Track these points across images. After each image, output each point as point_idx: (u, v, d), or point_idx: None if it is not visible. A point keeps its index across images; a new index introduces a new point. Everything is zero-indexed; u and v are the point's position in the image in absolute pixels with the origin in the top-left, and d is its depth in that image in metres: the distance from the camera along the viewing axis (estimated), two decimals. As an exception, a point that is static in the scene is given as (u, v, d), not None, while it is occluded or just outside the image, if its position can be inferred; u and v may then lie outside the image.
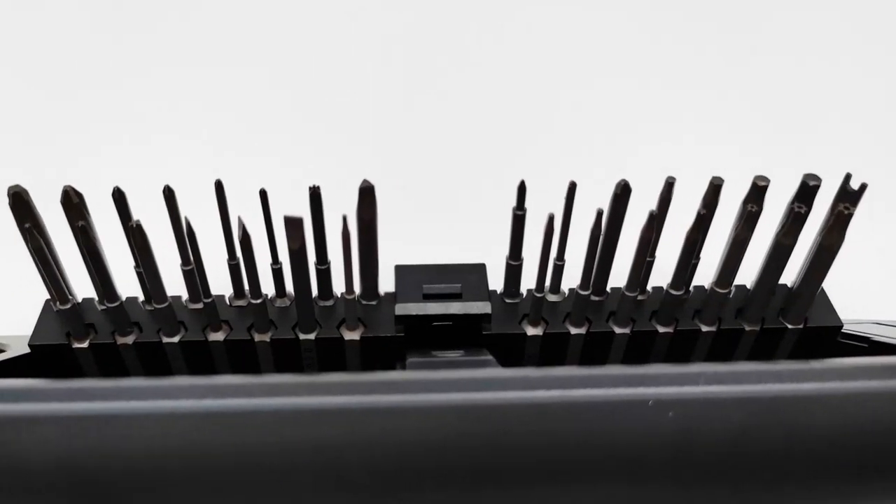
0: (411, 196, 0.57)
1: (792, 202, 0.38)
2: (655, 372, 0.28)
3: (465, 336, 0.41)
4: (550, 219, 0.38)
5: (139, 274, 0.40)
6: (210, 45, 0.62)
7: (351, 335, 0.41)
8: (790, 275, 0.41)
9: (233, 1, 0.63)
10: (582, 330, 0.41)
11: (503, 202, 0.42)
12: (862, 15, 0.64)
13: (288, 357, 0.42)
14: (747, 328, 0.42)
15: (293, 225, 0.35)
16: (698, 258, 0.41)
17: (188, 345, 0.41)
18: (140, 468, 0.26)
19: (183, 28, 0.63)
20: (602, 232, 0.38)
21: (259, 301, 0.40)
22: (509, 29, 0.64)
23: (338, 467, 0.26)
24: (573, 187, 0.38)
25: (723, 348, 0.42)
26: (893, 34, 0.64)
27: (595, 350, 0.42)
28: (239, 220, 0.37)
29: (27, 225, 0.37)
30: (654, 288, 0.42)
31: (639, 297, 0.42)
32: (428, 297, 0.41)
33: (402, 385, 0.28)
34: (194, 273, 0.39)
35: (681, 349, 0.42)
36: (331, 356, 0.42)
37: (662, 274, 0.41)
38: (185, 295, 0.41)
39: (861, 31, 0.64)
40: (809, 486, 0.28)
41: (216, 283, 0.41)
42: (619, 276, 0.41)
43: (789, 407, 0.28)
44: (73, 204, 0.37)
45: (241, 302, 0.42)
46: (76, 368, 0.41)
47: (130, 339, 0.41)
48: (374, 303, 0.42)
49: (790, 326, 0.42)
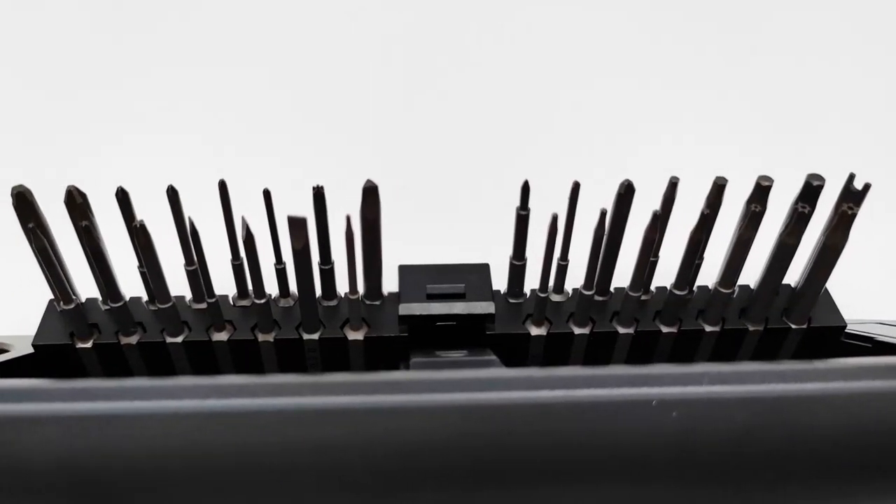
0: (411, 196, 0.57)
1: (795, 202, 0.38)
2: (659, 372, 0.28)
3: (469, 336, 0.41)
4: (554, 219, 0.38)
5: (143, 274, 0.40)
6: (210, 45, 0.62)
7: (354, 335, 0.41)
8: (794, 275, 0.41)
9: (233, 1, 0.63)
10: (585, 330, 0.41)
11: (503, 202, 0.42)
12: (862, 15, 0.64)
13: (291, 357, 0.42)
14: (751, 328, 0.41)
15: (297, 225, 0.35)
16: (702, 258, 0.41)
17: (192, 345, 0.41)
18: (144, 468, 0.26)
19: (183, 28, 0.63)
20: (605, 232, 0.38)
21: (263, 301, 0.40)
22: (509, 29, 0.64)
23: (341, 467, 0.26)
24: (577, 187, 0.38)
25: (726, 348, 0.42)
26: (893, 34, 0.64)
27: (599, 350, 0.42)
28: (243, 220, 0.37)
29: (31, 225, 0.37)
30: (658, 288, 0.42)
31: (642, 298, 0.42)
32: (431, 297, 0.41)
33: (406, 385, 0.28)
34: (198, 273, 0.39)
35: (684, 349, 0.42)
36: (334, 356, 0.42)
37: (666, 274, 0.41)
38: (189, 295, 0.41)
39: (861, 31, 0.64)
40: (813, 486, 0.28)
41: (220, 283, 0.41)
42: (623, 277, 0.41)
43: (793, 407, 0.28)
44: (77, 204, 0.37)
45: (245, 302, 0.42)
46: (80, 368, 0.41)
47: (134, 339, 0.41)
48: (378, 303, 0.42)
49: (794, 326, 0.41)
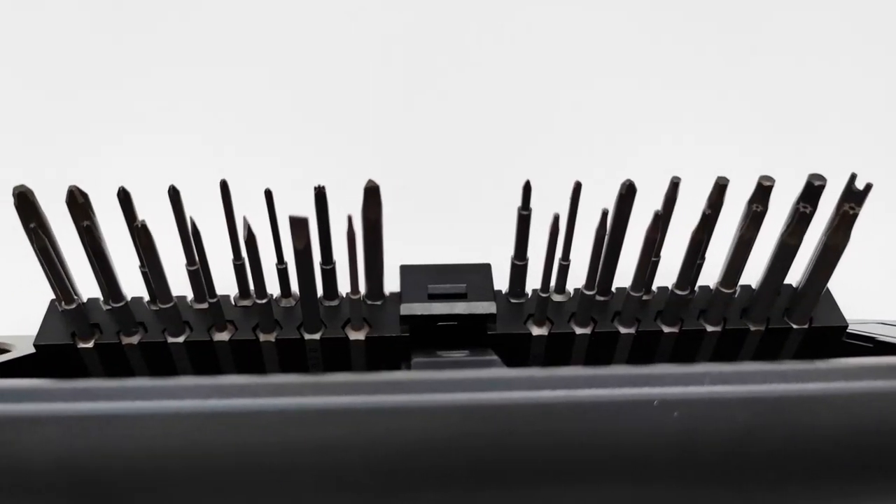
0: (411, 196, 0.57)
1: (797, 202, 0.38)
2: (660, 372, 0.28)
3: (471, 336, 0.41)
4: (556, 219, 0.38)
5: (144, 274, 0.40)
6: (210, 45, 0.62)
7: (356, 335, 0.41)
8: (795, 275, 0.41)
9: (233, 1, 0.63)
10: (587, 330, 0.41)
11: (503, 202, 0.42)
12: (862, 15, 0.64)
13: (293, 357, 0.42)
14: (752, 328, 0.41)
15: (298, 225, 0.35)
16: (703, 258, 0.41)
17: (193, 345, 0.41)
18: (146, 468, 0.26)
19: (183, 28, 0.63)
20: (607, 232, 0.38)
21: (264, 301, 0.40)
22: (509, 29, 0.64)
23: (343, 467, 0.26)
24: (578, 187, 0.38)
25: (728, 348, 0.42)
26: (893, 34, 0.64)
27: (600, 350, 0.42)
28: (244, 220, 0.37)
29: (32, 225, 0.37)
30: (660, 288, 0.42)
31: (644, 297, 0.42)
32: (433, 297, 0.41)
33: (408, 385, 0.28)
34: (199, 273, 0.39)
35: (686, 349, 0.42)
36: (336, 356, 0.42)
37: (667, 274, 0.41)
38: (191, 295, 0.41)
39: (861, 31, 0.64)
40: (814, 486, 0.28)
41: (221, 283, 0.41)
42: (624, 277, 0.41)
43: (794, 407, 0.28)
44: (79, 204, 0.37)
45: (247, 302, 0.42)
46: (81, 368, 0.41)
47: (135, 339, 0.41)
48: (380, 303, 0.42)
49: (795, 326, 0.41)
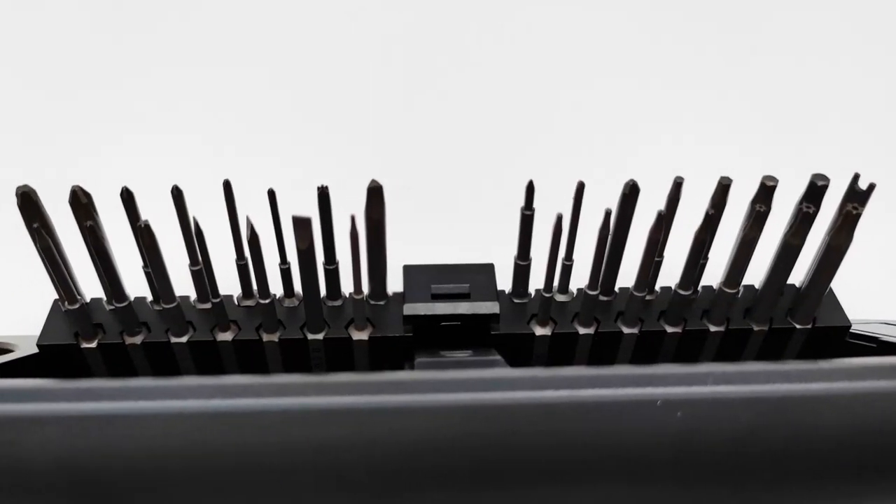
0: (411, 196, 0.57)
1: (800, 202, 0.38)
2: (664, 372, 0.28)
3: (474, 336, 0.41)
4: (559, 219, 0.38)
5: (147, 274, 0.40)
6: (210, 45, 0.62)
7: (359, 335, 0.41)
8: (798, 275, 0.41)
9: (233, 1, 0.63)
10: (590, 330, 0.41)
11: (503, 202, 0.42)
12: (862, 15, 0.64)
13: (296, 357, 0.42)
14: (756, 328, 0.41)
15: (301, 225, 0.35)
16: (706, 258, 0.41)
17: (196, 345, 0.41)
18: (150, 468, 0.26)
19: (183, 28, 0.63)
20: (610, 232, 0.38)
21: (267, 301, 0.40)
22: (509, 29, 0.64)
23: (345, 467, 0.26)
24: (581, 187, 0.38)
25: (731, 348, 0.42)
26: (893, 34, 0.64)
27: (603, 350, 0.42)
28: (247, 220, 0.37)
29: (35, 225, 0.37)
30: (663, 288, 0.42)
31: (647, 297, 0.42)
32: (436, 297, 0.41)
33: (411, 385, 0.28)
34: (202, 273, 0.39)
35: (689, 349, 0.42)
36: (339, 356, 0.42)
37: (670, 274, 0.41)
38: (194, 295, 0.41)
39: (861, 31, 0.64)
40: (818, 486, 0.28)
41: (224, 283, 0.41)
42: (628, 277, 0.41)
43: (798, 407, 0.28)
44: (82, 204, 0.37)
45: (250, 302, 0.42)
46: (84, 368, 0.41)
47: (139, 339, 0.41)
48: (383, 303, 0.42)
49: (798, 326, 0.41)
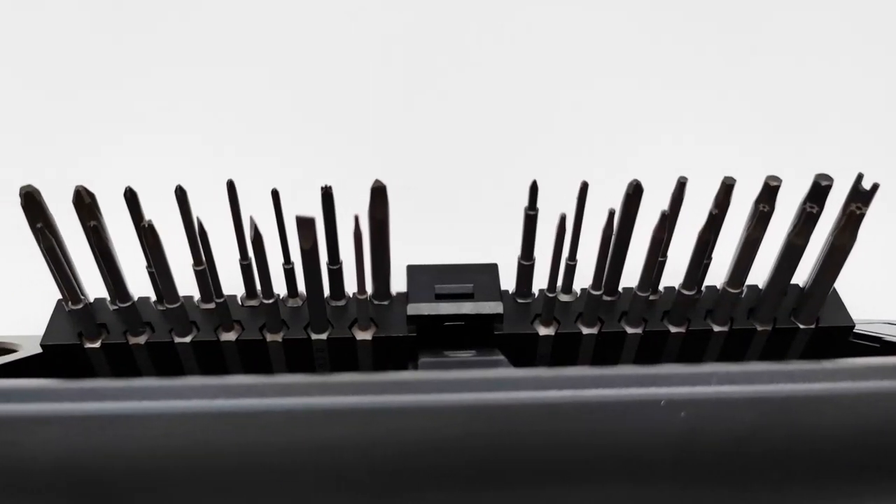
0: (411, 196, 0.57)
1: (804, 202, 0.38)
2: (667, 372, 0.28)
3: (477, 336, 0.41)
4: (562, 219, 0.38)
5: (151, 274, 0.40)
6: (210, 45, 0.62)
7: (363, 335, 0.41)
8: (802, 275, 0.41)
9: (233, 1, 0.63)
10: (594, 330, 0.41)
11: (503, 202, 0.42)
12: (862, 15, 0.64)
13: (300, 357, 0.42)
14: (759, 328, 0.41)
15: (305, 225, 0.35)
16: (710, 258, 0.41)
17: (200, 345, 0.41)
18: (153, 468, 0.26)
19: (183, 28, 0.63)
20: (614, 232, 0.38)
21: (271, 301, 0.40)
22: (509, 29, 0.64)
23: (349, 467, 0.26)
24: (585, 187, 0.38)
25: (735, 348, 0.42)
26: (893, 34, 0.64)
27: (607, 350, 0.42)
28: (251, 221, 0.37)
29: (39, 225, 0.37)
30: (666, 288, 0.42)
31: (651, 298, 0.42)
32: (440, 297, 0.41)
33: (414, 385, 0.28)
34: (206, 273, 0.39)
35: (693, 349, 0.42)
36: (343, 356, 0.42)
37: (674, 274, 0.41)
38: (197, 295, 0.41)
39: (861, 31, 0.64)
40: (821, 486, 0.28)
41: (228, 284, 0.41)
42: (631, 277, 0.41)
43: (801, 407, 0.28)
44: (85, 204, 0.37)
45: (253, 302, 0.42)
46: (88, 368, 0.41)
47: (142, 339, 0.41)
48: (386, 303, 0.42)
49: (802, 326, 0.41)
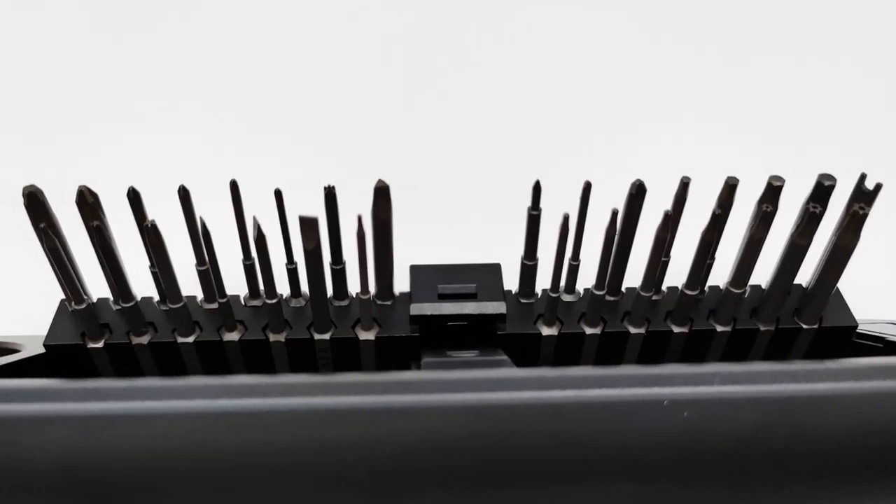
0: (412, 196, 0.57)
1: (807, 202, 0.38)
2: (670, 372, 0.28)
3: (480, 336, 0.41)
4: (566, 219, 0.38)
5: (154, 274, 0.40)
6: (210, 45, 0.62)
7: (366, 335, 0.41)
8: (805, 275, 0.41)
9: (233, 1, 0.63)
10: (597, 330, 0.41)
11: (503, 202, 0.42)
12: (862, 15, 0.64)
13: (303, 357, 0.42)
14: (762, 328, 0.41)
15: (308, 225, 0.35)
16: (713, 258, 0.41)
17: (203, 345, 0.41)
18: (158, 468, 0.26)
19: (183, 28, 0.63)
20: (617, 232, 0.38)
21: (274, 301, 0.40)
22: (509, 29, 0.64)
23: (352, 468, 0.26)
24: (588, 187, 0.38)
25: (738, 348, 0.42)
26: (893, 34, 0.64)
27: (610, 350, 0.42)
28: (254, 220, 0.37)
29: (42, 225, 0.37)
30: (669, 288, 0.42)
31: (654, 297, 0.42)
32: (443, 297, 0.41)
33: (417, 385, 0.28)
34: (209, 273, 0.39)
35: (696, 349, 0.42)
36: (346, 356, 0.42)
37: (677, 274, 0.41)
38: (200, 295, 0.41)
39: (861, 31, 0.64)
40: (824, 486, 0.28)
41: (231, 283, 0.41)
42: (634, 276, 0.41)
43: (804, 407, 0.28)
44: (88, 204, 0.37)
45: (256, 302, 0.42)
46: (91, 368, 0.41)
47: (145, 339, 0.41)
48: (389, 303, 0.42)
49: (805, 326, 0.41)
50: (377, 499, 0.27)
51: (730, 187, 0.38)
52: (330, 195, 0.38)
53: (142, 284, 0.41)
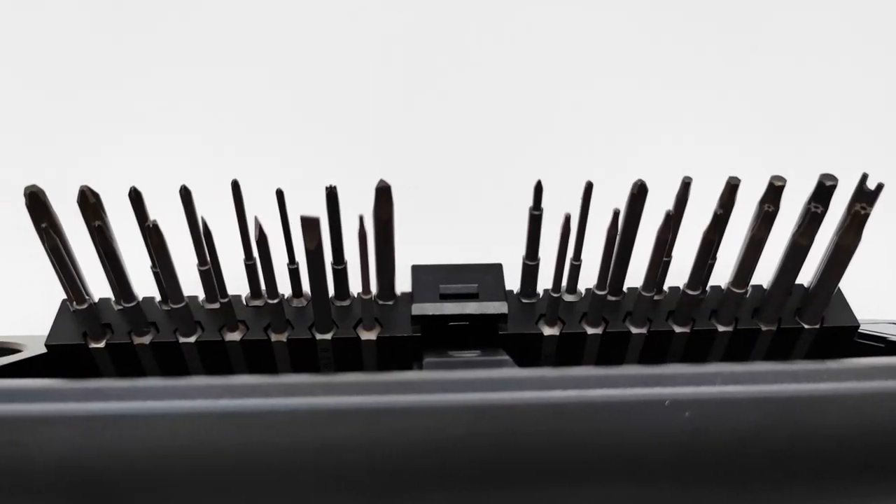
0: (413, 196, 0.57)
1: (808, 202, 0.38)
2: (672, 372, 0.28)
3: (482, 336, 0.41)
4: (567, 219, 0.38)
5: (156, 274, 0.40)
6: (210, 45, 0.62)
7: (367, 335, 0.41)
8: (807, 275, 0.41)
9: (233, 1, 0.63)
10: (598, 330, 0.41)
11: (503, 202, 0.42)
12: (862, 15, 0.64)
13: (304, 357, 0.42)
14: (764, 328, 0.41)
15: (310, 225, 0.35)
16: (715, 258, 0.41)
17: (205, 345, 0.41)
18: (159, 468, 0.26)
19: (183, 28, 0.63)
20: (618, 232, 0.38)
21: (276, 301, 0.40)
22: (509, 29, 0.64)
23: (354, 468, 0.26)
24: (590, 187, 0.38)
25: (739, 348, 0.42)
26: (893, 34, 0.64)
27: (611, 350, 0.42)
28: (256, 220, 0.37)
29: (44, 225, 0.37)
30: (671, 288, 0.42)
31: (655, 297, 0.42)
32: (444, 297, 0.41)
33: (419, 385, 0.28)
34: (211, 273, 0.39)
35: (697, 349, 0.42)
36: (347, 356, 0.42)
37: (679, 274, 0.41)
38: (202, 295, 0.41)
39: (861, 31, 0.64)
40: (825, 486, 0.28)
41: (232, 283, 0.41)
42: (636, 277, 0.41)
43: (805, 407, 0.28)
44: (90, 204, 0.37)
45: (258, 302, 0.42)
46: (93, 368, 0.41)
47: (147, 339, 0.41)
48: (391, 303, 0.42)
49: (807, 326, 0.41)
50: (379, 499, 0.27)
51: (731, 187, 0.38)
52: (331, 195, 0.38)
53: (143, 284, 0.41)
